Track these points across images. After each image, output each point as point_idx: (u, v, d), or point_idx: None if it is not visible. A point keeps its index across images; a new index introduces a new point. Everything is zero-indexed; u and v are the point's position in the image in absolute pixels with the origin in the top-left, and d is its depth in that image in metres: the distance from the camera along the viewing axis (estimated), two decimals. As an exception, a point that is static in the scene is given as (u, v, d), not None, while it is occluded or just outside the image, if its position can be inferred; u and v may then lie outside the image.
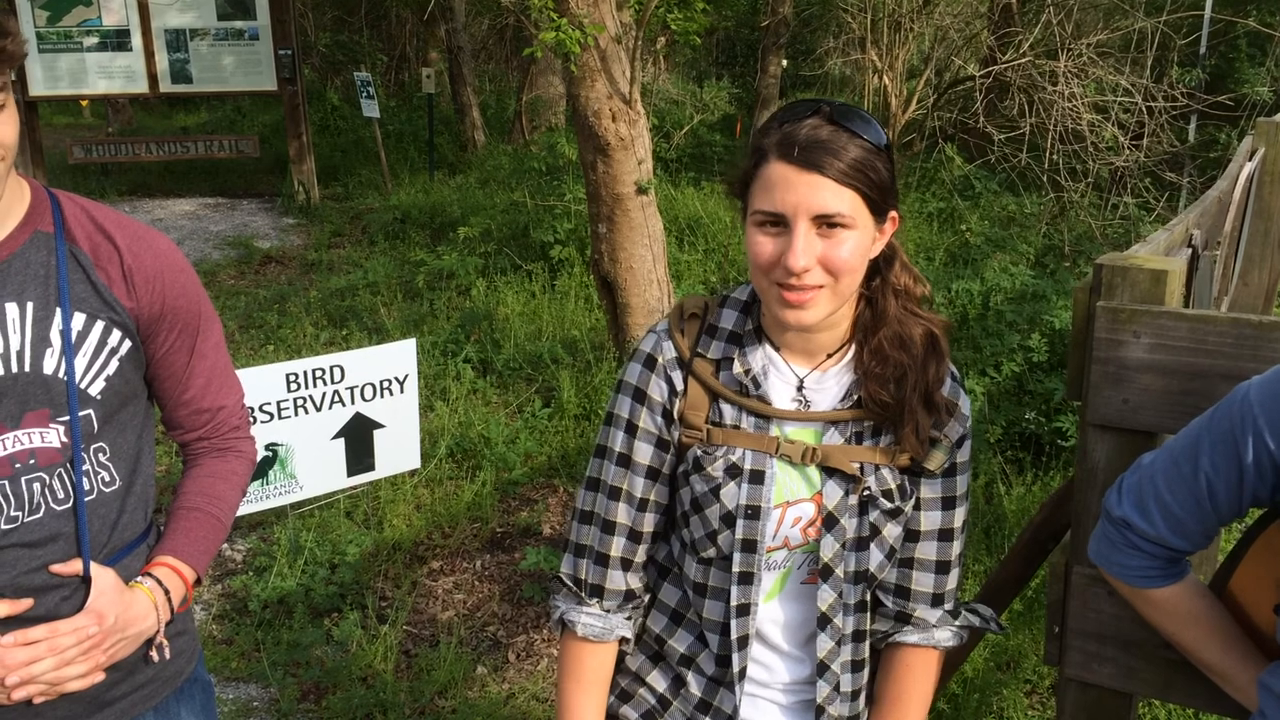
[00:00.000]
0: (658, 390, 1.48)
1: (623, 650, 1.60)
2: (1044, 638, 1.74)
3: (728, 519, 1.45)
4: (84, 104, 13.81)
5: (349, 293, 7.36)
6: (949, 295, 5.55)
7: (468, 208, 8.99)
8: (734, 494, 1.44)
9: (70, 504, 1.49)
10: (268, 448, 3.73)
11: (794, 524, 1.46)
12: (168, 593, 1.58)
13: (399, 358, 3.98)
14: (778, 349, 1.48)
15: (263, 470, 3.76)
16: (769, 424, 1.45)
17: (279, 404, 3.72)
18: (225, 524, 1.69)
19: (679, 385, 1.48)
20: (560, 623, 1.57)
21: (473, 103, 12.12)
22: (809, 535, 1.47)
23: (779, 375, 1.47)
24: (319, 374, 3.79)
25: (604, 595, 1.54)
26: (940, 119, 9.52)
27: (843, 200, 1.33)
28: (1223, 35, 9.18)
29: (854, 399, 1.46)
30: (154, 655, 1.60)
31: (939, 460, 1.47)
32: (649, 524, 1.53)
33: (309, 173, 10.44)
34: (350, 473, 4.00)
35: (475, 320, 6.49)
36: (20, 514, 1.45)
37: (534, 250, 7.47)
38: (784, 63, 11.69)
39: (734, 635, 1.49)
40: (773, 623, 1.52)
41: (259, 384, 3.65)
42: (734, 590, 1.47)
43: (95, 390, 1.51)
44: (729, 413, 1.47)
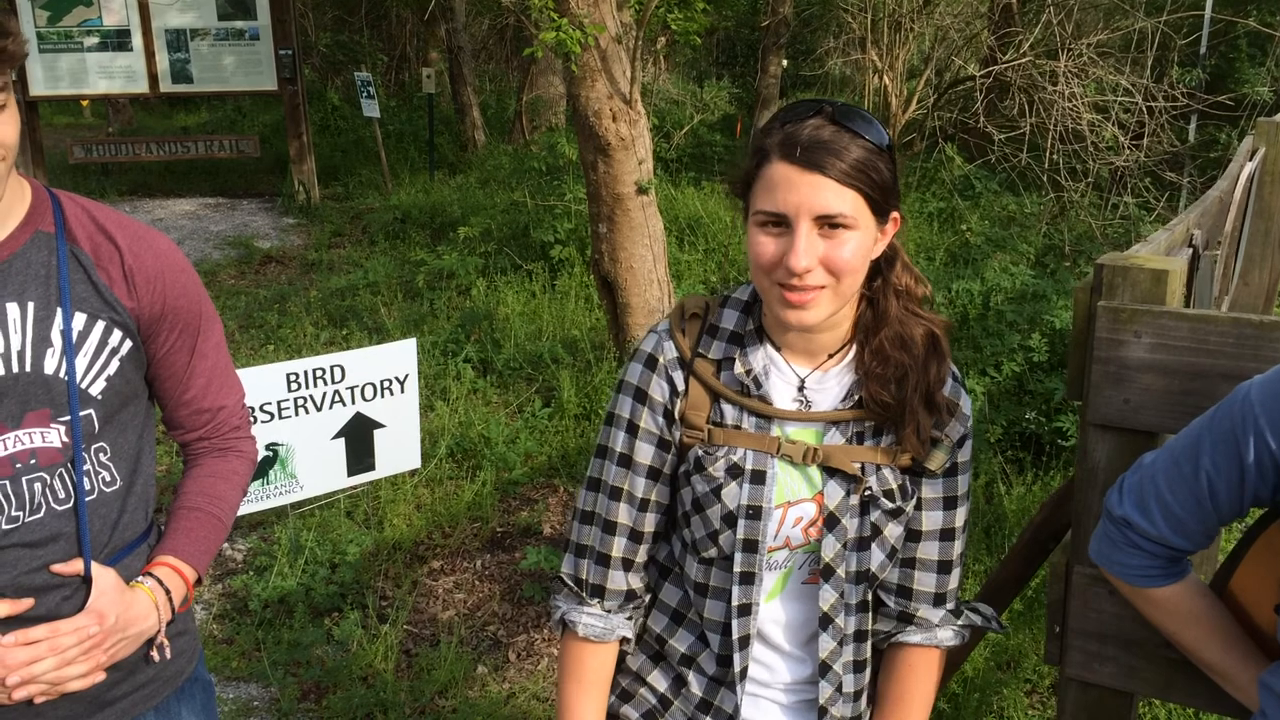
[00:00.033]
0: (659, 390, 1.48)
1: (623, 650, 1.60)
2: (1044, 637, 1.74)
3: (729, 519, 1.45)
4: (84, 104, 13.80)
5: (349, 292, 7.36)
6: (949, 295, 5.55)
7: (468, 208, 8.99)
8: (735, 494, 1.44)
9: (71, 504, 1.49)
10: (268, 447, 3.73)
11: (795, 524, 1.46)
12: (168, 592, 1.58)
13: (399, 357, 3.98)
14: (779, 349, 1.48)
15: (263, 470, 3.76)
16: (770, 424, 1.45)
17: (279, 404, 3.72)
18: (226, 524, 1.69)
19: (680, 385, 1.48)
20: (561, 623, 1.57)
21: (473, 103, 12.12)
22: (810, 535, 1.47)
23: (780, 375, 1.47)
24: (319, 374, 3.79)
25: (605, 595, 1.54)
26: (940, 119, 9.52)
27: (845, 201, 1.33)
28: (1223, 35, 9.18)
29: (855, 399, 1.46)
30: (155, 655, 1.60)
31: (940, 460, 1.47)
32: (650, 524, 1.53)
33: (309, 173, 10.44)
34: (350, 472, 4.00)
35: (475, 320, 6.49)
36: (21, 514, 1.45)
37: (534, 250, 7.47)
38: (784, 63, 11.69)
39: (735, 635, 1.49)
40: (774, 623, 1.52)
41: (259, 384, 3.65)
42: (735, 590, 1.47)
43: (96, 390, 1.51)
44: (730, 413, 1.47)
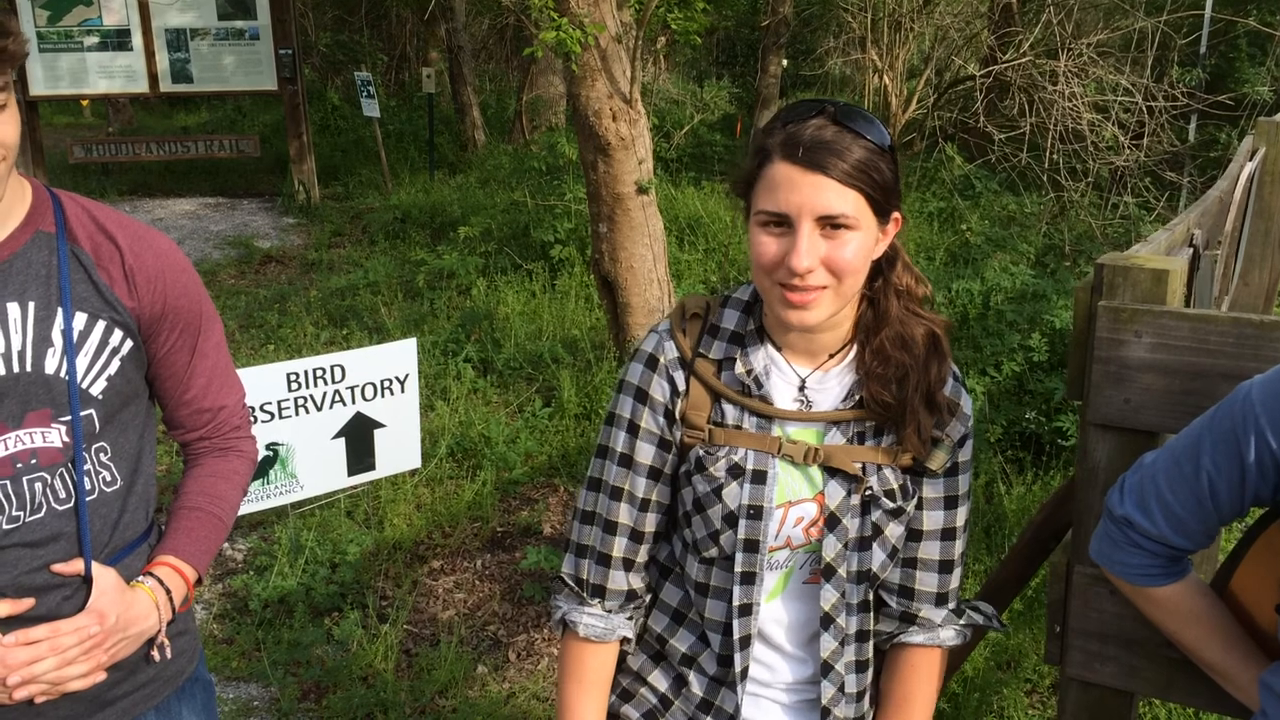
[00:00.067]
0: (659, 390, 1.48)
1: (624, 650, 1.60)
2: (1045, 637, 1.74)
3: (730, 519, 1.45)
4: (84, 104, 13.79)
5: (349, 292, 7.36)
6: (949, 295, 5.55)
7: (468, 207, 8.99)
8: (736, 494, 1.44)
9: (72, 504, 1.49)
10: (268, 447, 3.73)
11: (796, 524, 1.46)
12: (169, 592, 1.58)
13: (399, 357, 3.98)
14: (779, 349, 1.47)
15: (263, 470, 3.76)
16: (771, 424, 1.45)
17: (280, 403, 3.72)
18: (226, 523, 1.69)
19: (681, 385, 1.48)
20: (562, 623, 1.57)
21: (473, 102, 12.12)
22: (811, 535, 1.47)
23: (781, 375, 1.47)
24: (319, 373, 3.79)
25: (606, 595, 1.54)
26: (940, 119, 9.52)
27: (847, 201, 1.33)
28: (1223, 35, 9.18)
29: (856, 399, 1.46)
30: (155, 655, 1.60)
31: (941, 460, 1.47)
32: (651, 524, 1.53)
33: (309, 172, 10.44)
34: (351, 472, 4.00)
35: (475, 320, 6.49)
36: (22, 514, 1.45)
37: (534, 250, 7.47)
38: (784, 62, 11.68)
39: (736, 635, 1.49)
40: (775, 622, 1.52)
41: (260, 383, 3.65)
42: (736, 590, 1.47)
43: (97, 390, 1.51)
44: (731, 413, 1.46)
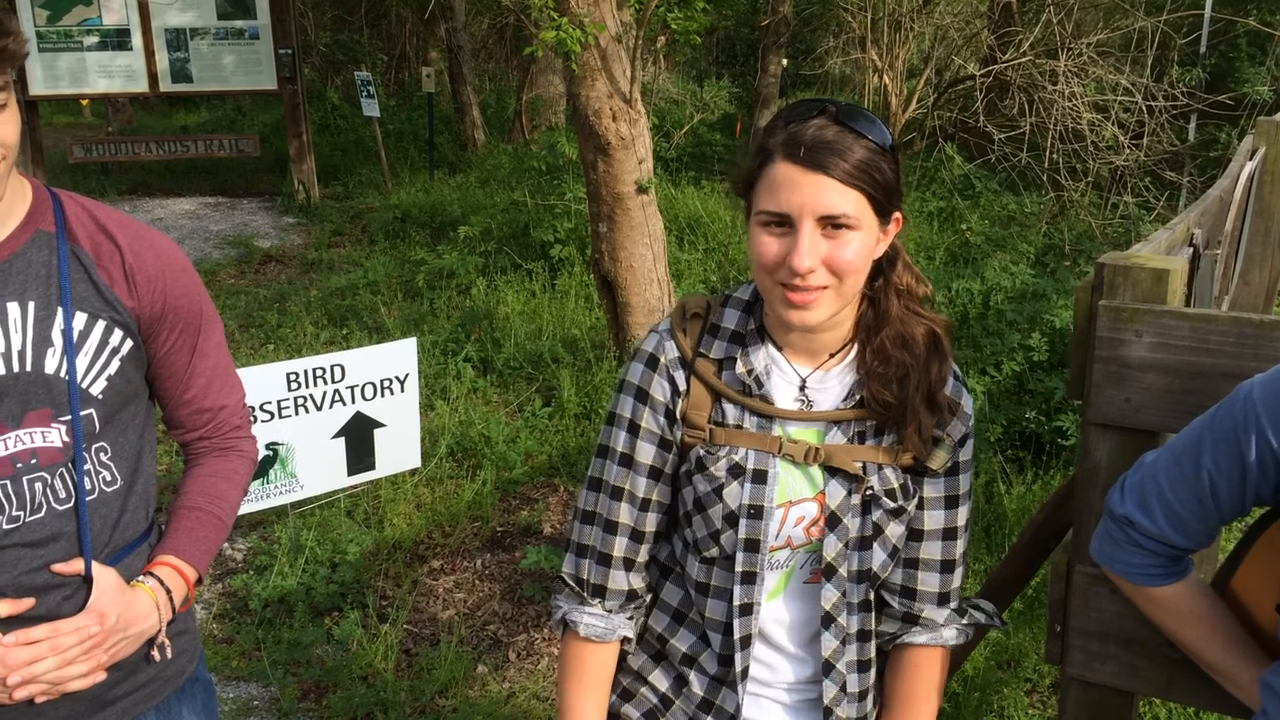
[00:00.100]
0: (660, 390, 1.48)
1: (625, 650, 1.60)
2: (1045, 636, 1.74)
3: (730, 519, 1.45)
4: (84, 103, 13.80)
5: (349, 292, 7.36)
6: (949, 294, 5.55)
7: (468, 207, 8.99)
8: (737, 494, 1.44)
9: (72, 503, 1.49)
10: (268, 447, 3.73)
11: (797, 523, 1.46)
12: (169, 592, 1.58)
13: (399, 357, 3.98)
14: (780, 349, 1.47)
15: (263, 469, 3.76)
16: (772, 424, 1.45)
17: (279, 403, 3.72)
18: (226, 523, 1.69)
19: (681, 385, 1.48)
20: (562, 623, 1.57)
21: (473, 102, 12.12)
22: (812, 535, 1.47)
23: (781, 375, 1.47)
24: (319, 373, 3.79)
25: (606, 595, 1.54)
26: (940, 118, 9.52)
27: (848, 201, 1.33)
28: (1223, 34, 9.18)
29: (856, 399, 1.46)
30: (155, 654, 1.60)
31: (942, 459, 1.47)
32: (651, 524, 1.53)
33: (309, 172, 10.43)
34: (351, 472, 4.00)
35: (475, 319, 6.49)
36: (22, 514, 1.45)
37: (534, 249, 7.47)
38: (784, 62, 11.68)
39: (737, 634, 1.48)
40: (776, 622, 1.52)
41: (259, 383, 3.65)
42: (737, 590, 1.47)
43: (97, 390, 1.51)
44: (731, 412, 1.46)
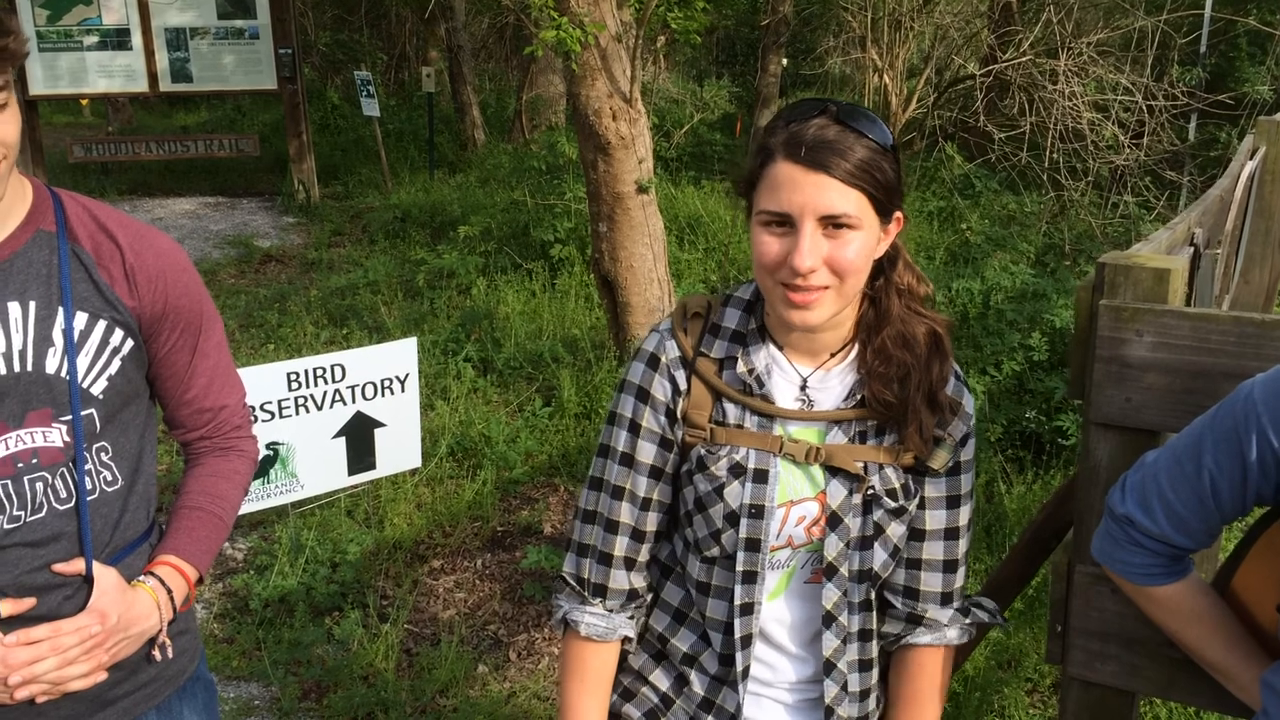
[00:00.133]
0: (661, 389, 1.48)
1: (625, 649, 1.60)
2: (1045, 636, 1.74)
3: (731, 518, 1.45)
4: (84, 103, 13.79)
5: (349, 292, 7.36)
6: (949, 294, 5.55)
7: (468, 206, 8.99)
8: (738, 493, 1.44)
9: (73, 503, 1.49)
10: (269, 446, 3.73)
11: (798, 523, 1.46)
12: (170, 592, 1.58)
13: (400, 357, 3.98)
14: (781, 348, 1.47)
15: (264, 469, 3.76)
16: (772, 423, 1.45)
17: (280, 403, 3.72)
18: (227, 523, 1.69)
19: (682, 384, 1.48)
20: (563, 622, 1.57)
21: (473, 101, 12.12)
22: (813, 534, 1.47)
23: (782, 374, 1.47)
24: (320, 373, 3.79)
25: (607, 595, 1.54)
26: (940, 118, 9.52)
27: (849, 201, 1.32)
28: (1223, 34, 9.18)
29: (857, 398, 1.46)
30: (156, 654, 1.60)
31: (943, 459, 1.47)
32: (652, 523, 1.53)
33: (309, 171, 10.43)
34: (351, 471, 4.00)
35: (476, 319, 6.49)
36: (23, 513, 1.45)
37: (534, 249, 7.47)
38: (784, 61, 11.68)
39: (737, 634, 1.48)
40: (777, 622, 1.52)
41: (260, 383, 3.65)
42: (737, 589, 1.47)
43: (97, 390, 1.51)
44: (732, 412, 1.46)
